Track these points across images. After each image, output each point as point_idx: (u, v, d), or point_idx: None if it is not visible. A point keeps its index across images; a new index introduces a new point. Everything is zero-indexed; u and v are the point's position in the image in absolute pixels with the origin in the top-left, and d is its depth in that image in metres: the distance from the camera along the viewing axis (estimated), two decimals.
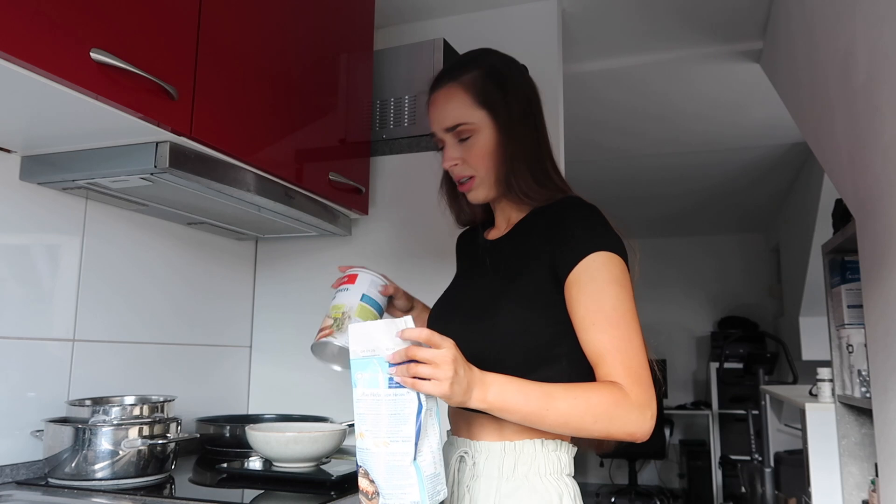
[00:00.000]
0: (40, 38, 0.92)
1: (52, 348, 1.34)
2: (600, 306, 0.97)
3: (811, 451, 2.26)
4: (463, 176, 1.11)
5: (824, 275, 2.23)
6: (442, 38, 1.90)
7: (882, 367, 1.57)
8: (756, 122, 3.51)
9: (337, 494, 1.14)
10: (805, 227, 4.28)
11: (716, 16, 2.38)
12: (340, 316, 1.12)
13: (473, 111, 1.08)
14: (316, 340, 1.12)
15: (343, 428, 1.36)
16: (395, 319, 0.87)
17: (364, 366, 0.86)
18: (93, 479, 1.17)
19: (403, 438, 0.83)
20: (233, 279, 1.88)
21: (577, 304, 0.99)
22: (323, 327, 1.13)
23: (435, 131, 1.12)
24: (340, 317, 1.12)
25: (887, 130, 1.35)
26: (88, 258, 1.43)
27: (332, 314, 1.13)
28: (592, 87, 3.08)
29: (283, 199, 1.47)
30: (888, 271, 1.44)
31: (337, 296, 1.16)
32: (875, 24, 1.38)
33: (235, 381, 1.88)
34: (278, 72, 1.44)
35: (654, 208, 5.37)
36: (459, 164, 1.10)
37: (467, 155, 1.09)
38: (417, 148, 1.84)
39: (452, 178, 1.14)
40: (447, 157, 1.11)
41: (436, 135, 1.13)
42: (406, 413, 0.84)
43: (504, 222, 1.18)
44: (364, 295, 1.16)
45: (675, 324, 6.15)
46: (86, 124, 1.11)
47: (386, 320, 0.88)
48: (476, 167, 1.09)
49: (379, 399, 0.84)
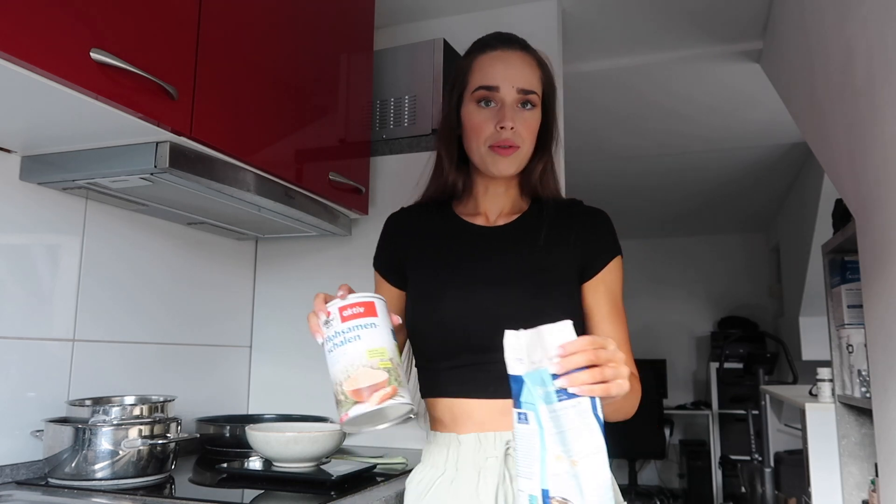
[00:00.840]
0: (40, 38, 0.92)
1: (52, 348, 1.34)
2: (615, 303, 1.09)
3: (811, 451, 2.26)
4: (510, 142, 1.07)
5: (824, 275, 2.23)
6: (442, 38, 1.90)
7: (882, 367, 1.57)
8: (756, 122, 3.51)
9: (337, 494, 1.14)
10: (805, 227, 4.28)
11: (716, 16, 2.38)
12: (390, 365, 0.86)
13: (539, 87, 1.11)
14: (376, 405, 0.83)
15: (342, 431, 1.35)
16: (543, 326, 0.77)
17: (535, 380, 0.75)
18: (93, 479, 1.17)
19: (595, 450, 0.74)
20: (233, 279, 1.88)
21: (600, 298, 1.09)
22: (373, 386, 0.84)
23: (499, 84, 1.07)
24: (391, 366, 0.86)
25: (887, 130, 1.35)
26: (88, 258, 1.43)
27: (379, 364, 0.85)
28: (592, 87, 3.08)
29: (283, 199, 1.47)
30: (888, 271, 1.44)
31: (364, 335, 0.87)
32: (875, 24, 1.38)
33: (235, 381, 1.88)
34: (278, 72, 1.44)
35: (654, 208, 5.37)
36: (517, 130, 1.07)
37: (522, 126, 1.08)
38: (417, 148, 1.84)
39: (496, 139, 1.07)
40: (508, 117, 1.06)
41: (497, 90, 1.07)
42: (590, 422, 0.74)
43: (495, 210, 1.15)
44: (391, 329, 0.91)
45: (675, 324, 6.14)
46: (86, 124, 1.11)
47: (535, 329, 0.77)
48: (524, 139, 1.09)
49: (557, 413, 0.75)
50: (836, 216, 2.13)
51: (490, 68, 1.09)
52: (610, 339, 0.80)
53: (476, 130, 1.09)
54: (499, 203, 1.15)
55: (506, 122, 1.06)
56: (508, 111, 1.07)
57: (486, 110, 1.09)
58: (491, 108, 1.09)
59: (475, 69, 1.11)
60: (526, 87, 1.08)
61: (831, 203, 2.19)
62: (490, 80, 1.08)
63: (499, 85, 1.08)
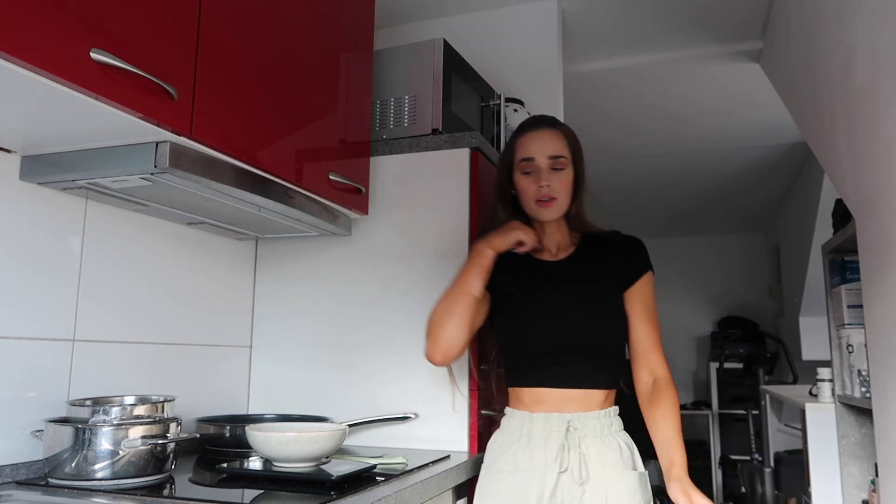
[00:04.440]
0: (40, 38, 0.92)
1: (52, 348, 1.34)
2: (650, 309, 1.49)
3: (811, 451, 2.26)
4: (548, 196, 1.45)
5: (824, 275, 2.23)
6: (442, 38, 1.89)
7: (882, 367, 1.57)
8: (756, 121, 3.51)
9: (337, 494, 1.14)
10: (805, 227, 4.28)
11: (716, 16, 2.38)
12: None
13: (567, 152, 1.49)
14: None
15: (343, 428, 1.36)
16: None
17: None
18: (93, 479, 1.17)
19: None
20: (233, 279, 1.88)
21: (638, 303, 1.48)
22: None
23: (535, 156, 1.46)
24: None
25: (887, 130, 1.35)
26: (88, 258, 1.43)
27: None
28: (592, 88, 3.08)
29: (283, 199, 1.47)
30: (888, 271, 1.44)
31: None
32: (875, 24, 1.38)
33: (235, 381, 1.88)
34: (278, 72, 1.44)
35: (654, 208, 5.37)
36: (552, 186, 1.45)
37: (556, 183, 1.46)
38: (417, 148, 1.84)
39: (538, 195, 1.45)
40: (544, 178, 1.45)
41: (533, 160, 1.46)
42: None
43: (554, 245, 1.54)
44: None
45: (675, 324, 6.14)
46: (86, 124, 1.11)
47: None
48: (559, 192, 1.46)
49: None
50: (836, 216, 2.13)
51: (528, 145, 1.48)
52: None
53: (525, 192, 1.48)
54: (555, 239, 1.54)
55: (542, 181, 1.45)
56: (544, 173, 1.46)
57: (530, 177, 1.47)
58: (532, 176, 1.47)
59: (518, 147, 1.50)
60: (554, 154, 1.46)
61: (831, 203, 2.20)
62: (528, 153, 1.48)
63: (535, 156, 1.47)
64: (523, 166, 1.48)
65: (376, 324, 1.80)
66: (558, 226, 1.54)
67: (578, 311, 1.45)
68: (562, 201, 1.47)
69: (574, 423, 1.40)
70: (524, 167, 1.48)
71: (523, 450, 1.41)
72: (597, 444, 1.40)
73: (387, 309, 1.79)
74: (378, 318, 1.80)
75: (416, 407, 1.72)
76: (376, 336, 1.79)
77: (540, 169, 1.46)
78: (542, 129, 1.50)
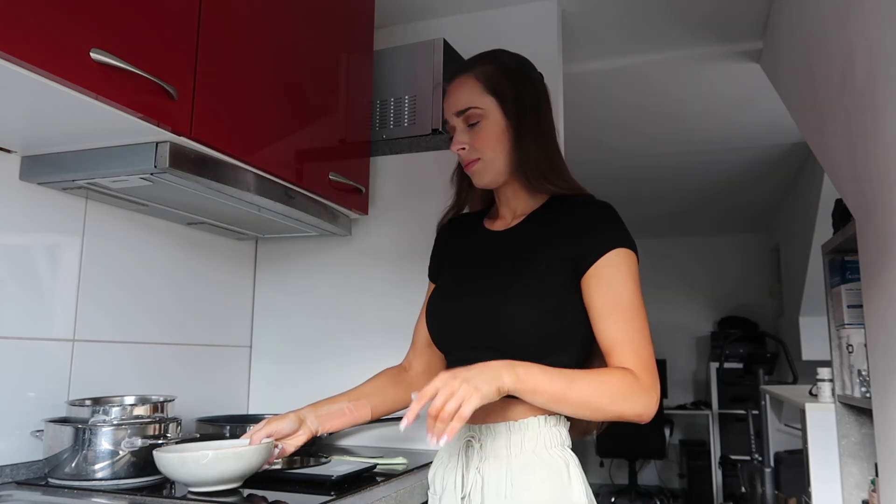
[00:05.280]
0: (40, 38, 0.92)
1: (52, 348, 1.34)
2: (618, 299, 1.06)
3: (811, 451, 2.26)
4: (469, 159, 1.18)
5: (824, 275, 2.23)
6: (442, 38, 1.90)
7: (882, 367, 1.57)
8: (756, 122, 3.51)
9: (337, 494, 1.14)
10: (805, 227, 4.28)
11: (716, 16, 2.38)
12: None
13: (482, 97, 1.16)
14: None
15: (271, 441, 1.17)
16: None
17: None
18: (93, 479, 1.17)
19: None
20: (233, 279, 1.88)
21: (597, 295, 1.07)
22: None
23: (447, 118, 1.20)
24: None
25: (887, 130, 1.35)
26: (88, 258, 1.43)
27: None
28: (592, 87, 3.08)
29: (283, 199, 1.47)
30: (888, 271, 1.44)
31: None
32: (875, 24, 1.38)
33: (235, 381, 1.88)
34: (278, 72, 1.44)
35: (655, 208, 5.37)
36: (467, 148, 1.18)
37: (474, 139, 1.17)
38: (417, 148, 1.84)
39: (461, 161, 1.20)
40: (455, 141, 1.18)
41: (448, 122, 1.20)
42: None
43: (509, 213, 1.23)
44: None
45: (674, 324, 6.14)
46: (86, 124, 1.11)
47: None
48: (482, 150, 1.16)
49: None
50: (836, 216, 2.13)
51: (444, 105, 1.21)
52: (437, 377, 0.94)
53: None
54: (511, 205, 1.23)
55: (453, 146, 1.19)
56: (457, 135, 1.19)
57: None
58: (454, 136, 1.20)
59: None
60: (460, 108, 1.17)
61: (831, 203, 2.19)
62: (445, 116, 1.21)
63: (447, 118, 1.20)
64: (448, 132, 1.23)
65: (376, 323, 1.80)
66: (513, 189, 1.21)
67: (491, 294, 1.10)
68: (489, 160, 1.16)
69: (478, 438, 1.09)
70: (449, 132, 1.22)
71: (441, 470, 1.17)
72: (502, 466, 1.06)
73: (386, 309, 1.79)
74: (378, 317, 1.80)
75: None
76: (376, 336, 1.79)
77: (456, 130, 1.19)
78: (452, 82, 1.21)
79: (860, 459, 2.13)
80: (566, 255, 1.10)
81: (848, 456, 2.15)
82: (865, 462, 2.12)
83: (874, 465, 2.05)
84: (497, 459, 1.07)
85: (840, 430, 2.17)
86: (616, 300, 1.06)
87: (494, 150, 1.16)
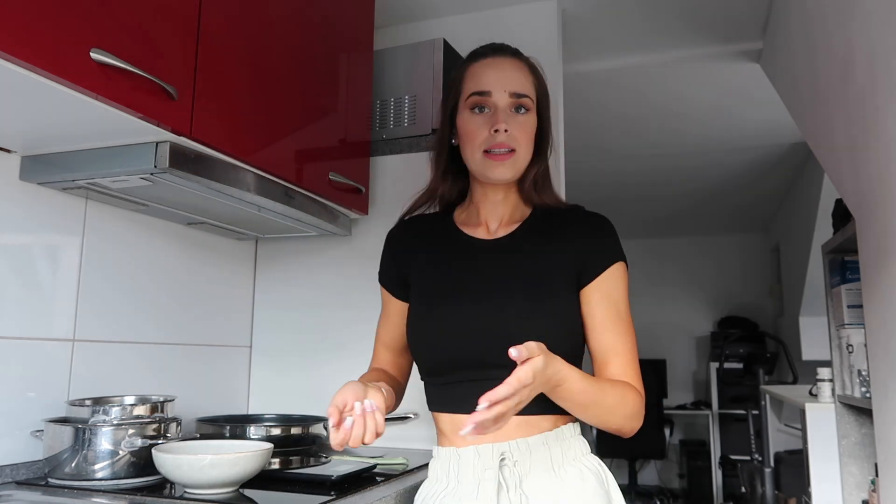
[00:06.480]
0: (40, 38, 0.92)
1: (52, 348, 1.34)
2: (617, 311, 1.07)
3: (811, 451, 2.26)
4: (506, 146, 1.07)
5: (824, 275, 2.23)
6: (442, 38, 1.90)
7: (882, 367, 1.57)
8: (756, 122, 3.51)
9: (337, 494, 1.14)
10: (805, 227, 4.28)
11: (716, 16, 2.38)
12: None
13: (532, 90, 1.11)
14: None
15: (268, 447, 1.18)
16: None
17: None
18: (93, 479, 1.17)
19: None
20: (233, 279, 1.88)
21: (599, 307, 1.07)
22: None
23: (491, 90, 1.07)
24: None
25: (887, 130, 1.35)
26: (88, 258, 1.43)
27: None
28: (592, 87, 3.08)
29: (283, 199, 1.47)
30: (888, 271, 1.44)
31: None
32: (875, 25, 1.38)
33: (235, 381, 1.88)
34: (278, 72, 1.44)
35: (654, 208, 5.37)
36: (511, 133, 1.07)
37: (517, 129, 1.08)
38: (417, 148, 1.84)
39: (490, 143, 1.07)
40: (501, 120, 1.06)
41: (490, 94, 1.07)
42: None
43: (495, 220, 1.15)
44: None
45: (675, 324, 6.14)
46: (86, 124, 1.11)
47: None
48: (520, 143, 1.08)
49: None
50: (836, 216, 2.13)
51: (482, 75, 1.09)
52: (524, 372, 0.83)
53: (471, 136, 1.08)
54: (498, 211, 1.15)
55: (499, 124, 1.06)
56: (502, 114, 1.07)
57: (480, 116, 1.08)
58: (485, 114, 1.08)
59: (468, 77, 1.11)
60: (518, 91, 1.08)
61: (831, 203, 2.19)
62: (482, 86, 1.08)
63: (491, 90, 1.08)
64: (474, 101, 1.09)
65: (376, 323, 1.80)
66: (506, 194, 1.14)
67: (504, 309, 1.05)
68: (521, 157, 1.09)
69: (511, 455, 1.02)
70: (475, 102, 1.09)
71: (451, 501, 1.04)
72: (547, 481, 1.01)
73: None
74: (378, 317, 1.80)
75: (416, 407, 1.72)
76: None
77: (497, 108, 1.07)
78: (503, 57, 1.11)
79: (860, 459, 2.13)
80: (570, 268, 1.08)
81: (848, 456, 2.15)
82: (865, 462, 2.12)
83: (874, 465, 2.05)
84: (540, 474, 1.02)
85: (840, 430, 2.17)
86: (616, 313, 1.07)
87: (528, 148, 1.10)
